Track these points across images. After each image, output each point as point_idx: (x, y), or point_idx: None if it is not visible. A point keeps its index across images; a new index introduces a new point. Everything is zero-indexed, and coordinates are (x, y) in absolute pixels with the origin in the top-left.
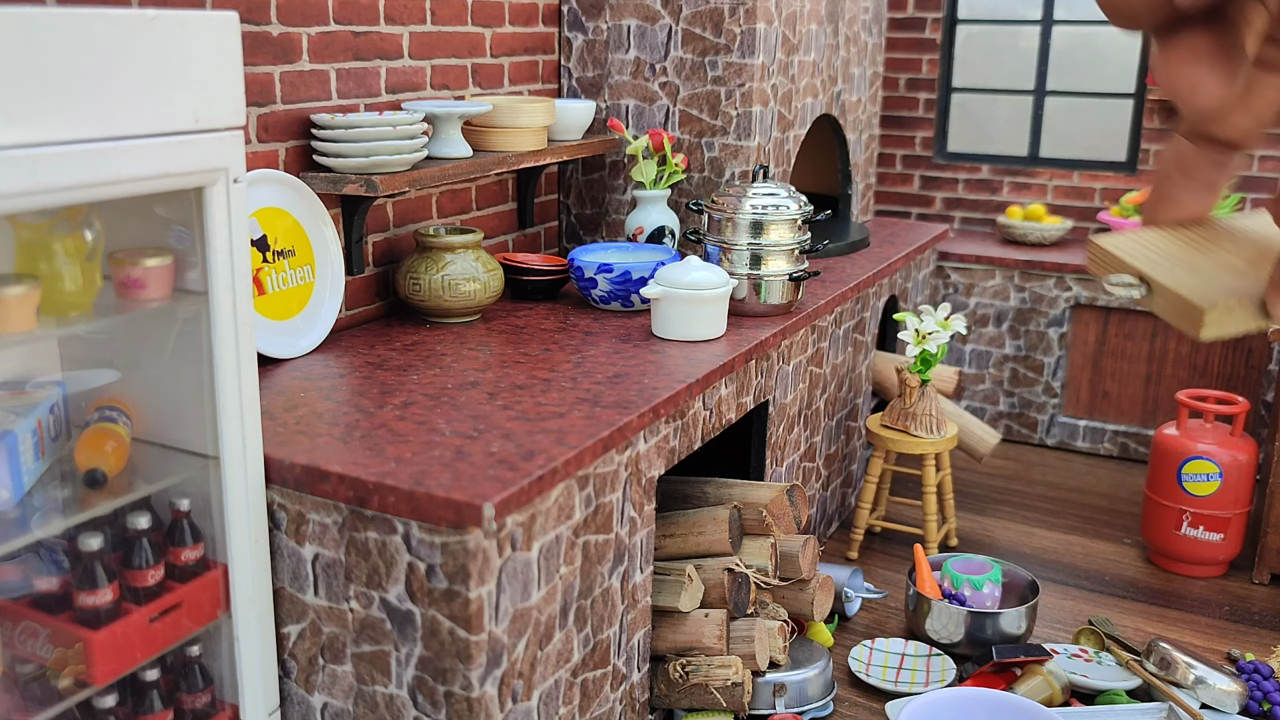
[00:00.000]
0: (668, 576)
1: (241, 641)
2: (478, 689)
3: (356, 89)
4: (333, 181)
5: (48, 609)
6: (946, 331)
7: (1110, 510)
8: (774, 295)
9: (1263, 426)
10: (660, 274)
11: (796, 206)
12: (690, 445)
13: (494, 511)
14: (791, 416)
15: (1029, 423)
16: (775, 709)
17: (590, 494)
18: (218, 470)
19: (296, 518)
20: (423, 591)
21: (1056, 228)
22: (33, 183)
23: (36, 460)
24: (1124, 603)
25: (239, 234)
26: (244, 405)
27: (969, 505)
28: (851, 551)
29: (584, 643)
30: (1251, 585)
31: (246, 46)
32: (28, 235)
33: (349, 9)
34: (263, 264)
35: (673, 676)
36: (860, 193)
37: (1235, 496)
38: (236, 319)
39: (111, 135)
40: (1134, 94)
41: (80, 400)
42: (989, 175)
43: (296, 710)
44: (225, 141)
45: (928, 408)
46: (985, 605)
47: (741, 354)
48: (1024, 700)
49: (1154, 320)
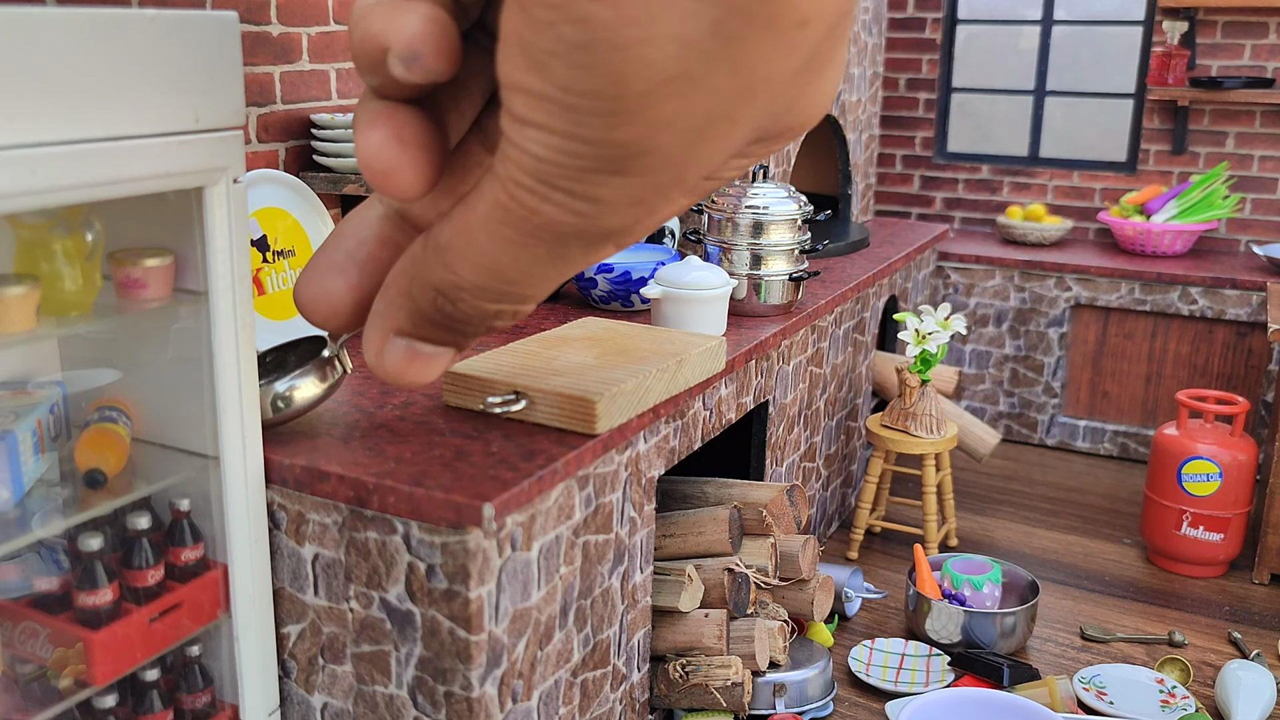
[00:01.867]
0: (668, 576)
1: (241, 641)
2: (478, 689)
3: (356, 89)
4: (333, 181)
5: (48, 609)
6: (946, 331)
7: (1110, 510)
8: (774, 295)
9: (1263, 426)
10: (660, 274)
11: (796, 207)
12: (690, 445)
13: (494, 511)
14: (791, 416)
15: (1029, 423)
16: (775, 709)
17: (590, 494)
18: (218, 470)
19: (296, 518)
20: (423, 591)
21: (1056, 228)
22: (33, 183)
23: (36, 460)
24: (1124, 603)
25: (239, 234)
26: (244, 405)
27: (969, 505)
28: (851, 551)
29: (584, 643)
30: (1251, 585)
31: (246, 46)
32: (28, 235)
33: (349, 9)
34: (263, 264)
35: (673, 676)
36: (860, 193)
37: (1235, 496)
38: (236, 319)
39: (111, 135)
40: (1134, 94)
41: (80, 400)
42: (989, 175)
43: (296, 710)
44: (225, 141)
45: (928, 408)
46: (985, 605)
47: (741, 354)
48: (1024, 700)
49: (1154, 320)
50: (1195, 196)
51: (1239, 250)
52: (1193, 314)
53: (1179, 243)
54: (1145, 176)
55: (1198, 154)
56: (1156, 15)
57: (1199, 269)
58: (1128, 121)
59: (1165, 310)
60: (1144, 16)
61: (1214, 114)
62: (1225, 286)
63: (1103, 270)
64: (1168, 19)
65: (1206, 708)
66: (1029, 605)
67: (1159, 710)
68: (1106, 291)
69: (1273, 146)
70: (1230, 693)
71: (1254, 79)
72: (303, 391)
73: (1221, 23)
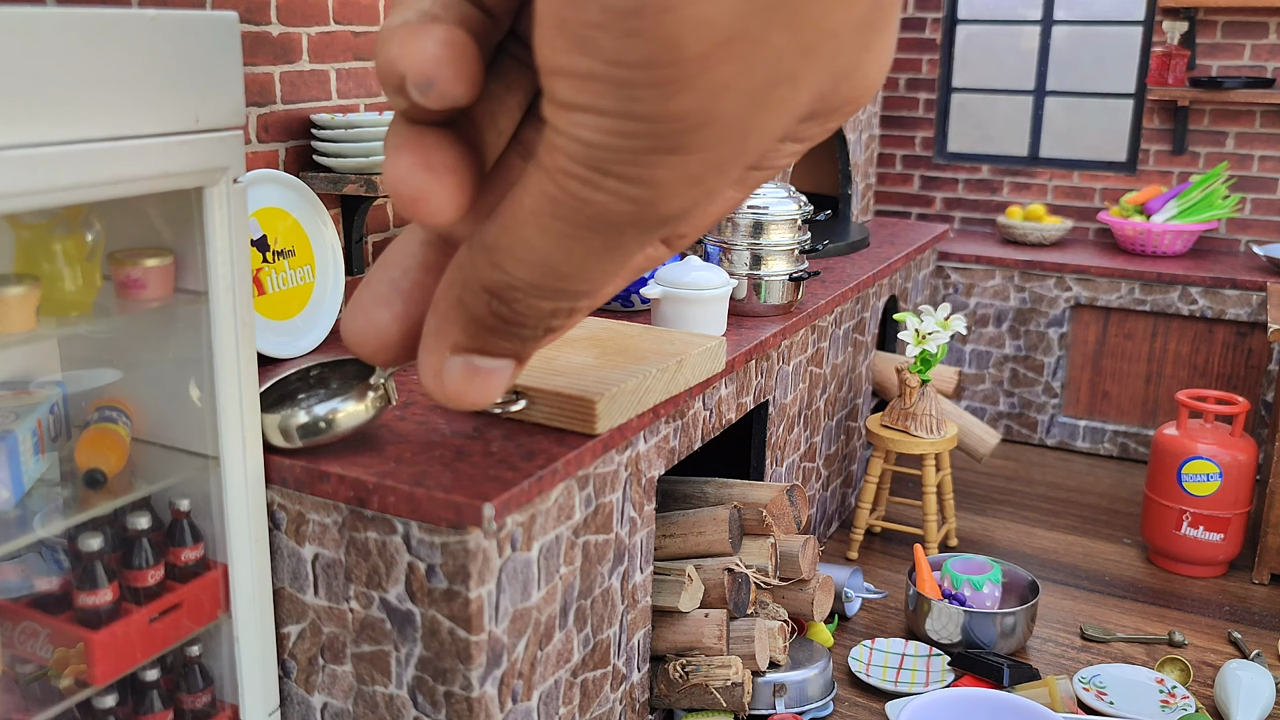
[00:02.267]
0: (668, 576)
1: (241, 641)
2: (478, 689)
3: (356, 89)
4: (333, 181)
5: (48, 609)
6: (946, 331)
7: (1110, 510)
8: (774, 295)
9: (1263, 426)
10: (660, 274)
11: (796, 207)
12: (690, 445)
13: (494, 511)
14: (791, 416)
15: (1029, 423)
16: (775, 709)
17: (590, 494)
18: (218, 470)
19: (296, 518)
20: (423, 591)
21: (1056, 228)
22: (33, 183)
23: (36, 460)
24: (1124, 603)
25: (239, 234)
26: (244, 405)
27: (969, 505)
28: (851, 551)
29: (584, 643)
30: (1251, 585)
31: (246, 46)
32: (28, 235)
33: (349, 9)
34: (263, 264)
35: (673, 676)
36: (860, 193)
37: (1235, 496)
38: (236, 319)
39: (111, 135)
40: (1134, 94)
41: (80, 400)
42: (989, 175)
43: (296, 710)
44: (225, 141)
45: (928, 408)
46: (985, 605)
47: (741, 354)
48: (1024, 700)
49: (1154, 320)
50: (1195, 196)
51: (1239, 250)
52: (1193, 314)
53: (1179, 243)
54: (1145, 176)
55: (1198, 154)
56: (1156, 15)
57: (1199, 269)
58: (1128, 121)
59: (1165, 310)
60: (1144, 16)
61: (1214, 114)
62: (1225, 286)
63: (1103, 270)
64: (1168, 19)
65: (1206, 708)
66: (1029, 605)
67: (1159, 710)
68: (1106, 291)
69: (1273, 146)
70: (1230, 693)
71: (1254, 79)
72: (343, 418)
73: (1221, 23)
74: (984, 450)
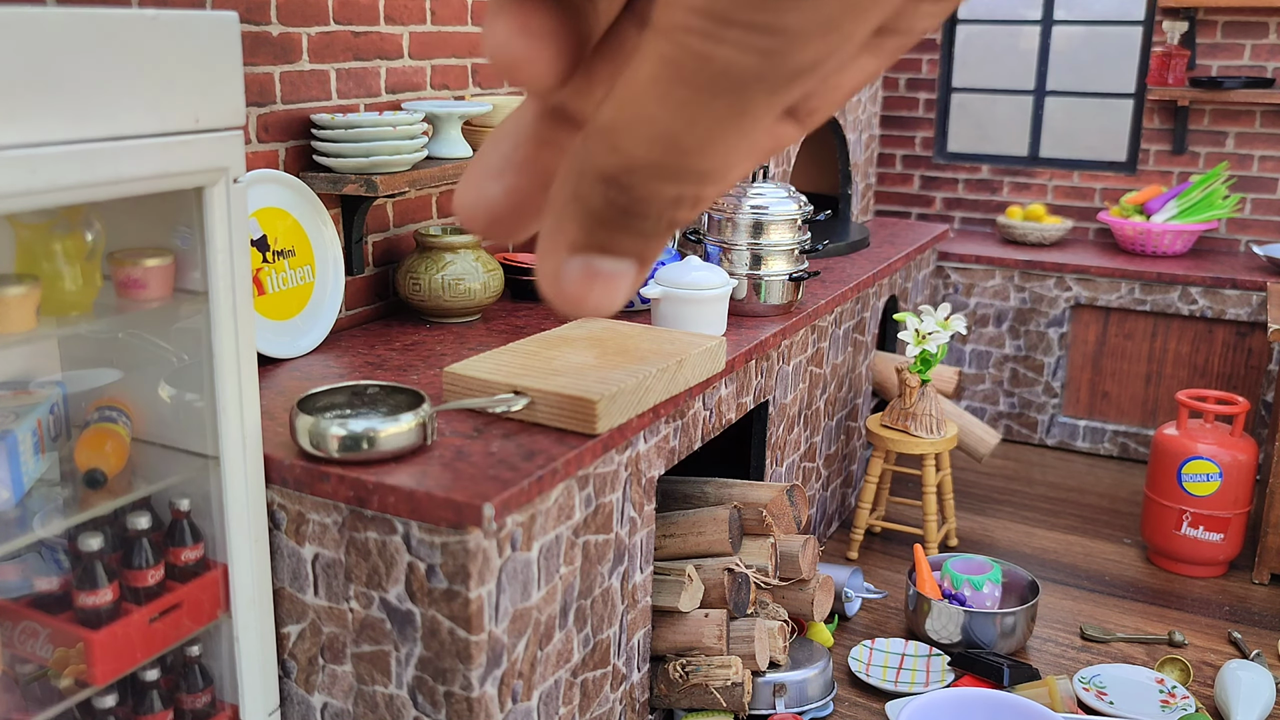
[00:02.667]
0: (668, 576)
1: (241, 641)
2: (478, 689)
3: (356, 89)
4: (333, 181)
5: (48, 609)
6: (946, 331)
7: (1110, 510)
8: (774, 295)
9: (1263, 426)
10: (660, 274)
11: (796, 207)
12: (690, 445)
13: (494, 511)
14: (791, 416)
15: (1029, 423)
16: (775, 709)
17: (590, 494)
18: (218, 470)
19: (296, 518)
20: (423, 591)
21: (1056, 228)
22: (33, 183)
23: (37, 460)
24: (1124, 603)
25: (239, 234)
26: (244, 405)
27: (969, 505)
28: (851, 551)
29: (584, 643)
30: (1251, 585)
31: (246, 46)
32: (28, 235)
33: (349, 9)
34: (263, 264)
35: (673, 676)
36: (860, 193)
37: (1235, 496)
38: (236, 319)
39: (111, 135)
40: (1134, 94)
41: (80, 400)
42: (989, 175)
43: (296, 710)
44: (225, 141)
45: (928, 408)
46: (985, 605)
47: (741, 354)
48: (1024, 700)
49: (1154, 320)
50: (1195, 196)
51: (1239, 250)
52: (1193, 314)
53: (1179, 243)
54: (1145, 176)
55: (1198, 154)
56: (1156, 15)
57: (1199, 269)
58: (1128, 121)
59: (1165, 310)
60: (1144, 16)
61: (1214, 114)
62: (1225, 286)
63: (1103, 270)
64: (1168, 19)
65: (1206, 708)
66: (1029, 605)
67: (1159, 710)
68: (1106, 291)
69: (1273, 146)
70: (1230, 693)
71: (1254, 79)
72: (385, 440)
73: (1221, 23)
74: (984, 450)
